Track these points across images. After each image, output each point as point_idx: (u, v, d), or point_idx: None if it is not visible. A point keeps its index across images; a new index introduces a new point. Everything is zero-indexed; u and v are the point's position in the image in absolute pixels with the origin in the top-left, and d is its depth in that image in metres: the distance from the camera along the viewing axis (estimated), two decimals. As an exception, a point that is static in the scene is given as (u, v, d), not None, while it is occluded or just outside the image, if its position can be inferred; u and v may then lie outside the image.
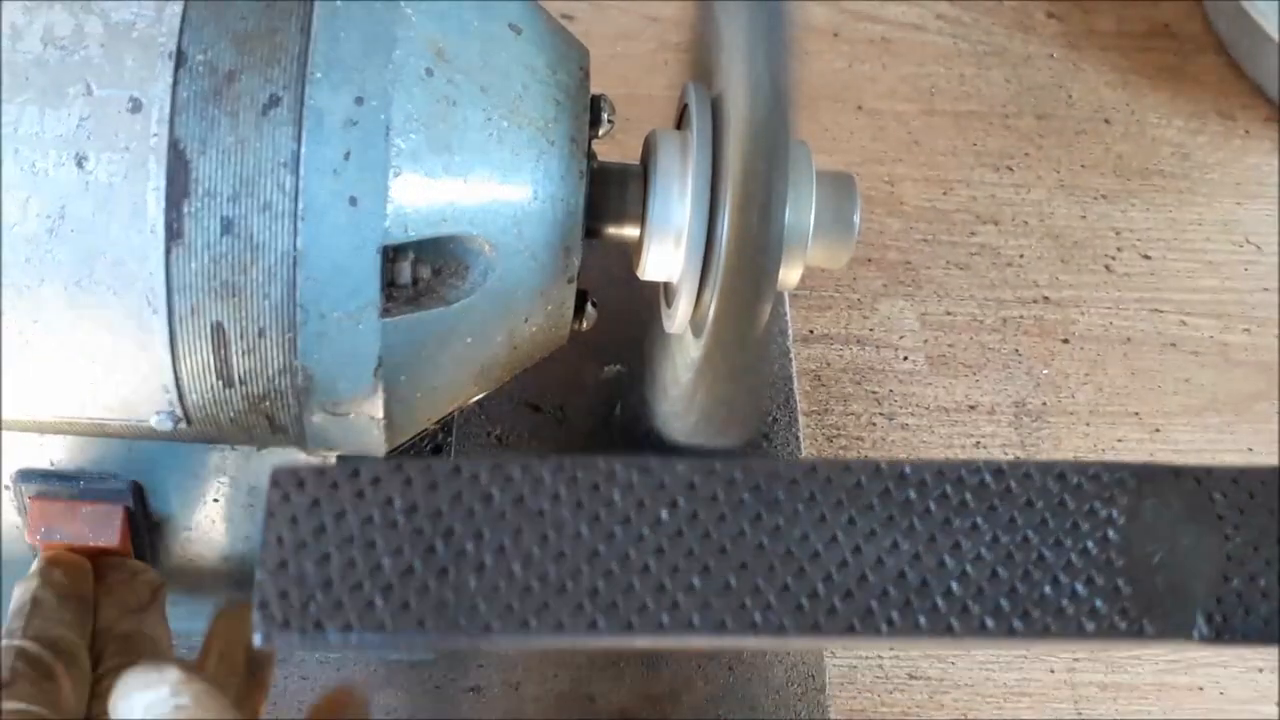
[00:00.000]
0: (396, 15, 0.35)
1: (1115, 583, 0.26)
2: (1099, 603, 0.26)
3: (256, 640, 0.25)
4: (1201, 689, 0.57)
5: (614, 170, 0.40)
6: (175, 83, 0.34)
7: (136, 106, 0.34)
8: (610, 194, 0.40)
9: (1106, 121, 0.73)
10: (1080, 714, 0.56)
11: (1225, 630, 0.26)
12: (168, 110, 0.34)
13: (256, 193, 0.34)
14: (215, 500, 0.44)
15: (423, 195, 0.35)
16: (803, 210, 0.39)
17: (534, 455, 0.25)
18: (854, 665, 0.56)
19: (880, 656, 0.56)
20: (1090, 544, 0.27)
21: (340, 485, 0.26)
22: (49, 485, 0.41)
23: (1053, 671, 0.56)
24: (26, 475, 0.41)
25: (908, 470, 0.27)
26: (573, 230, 0.38)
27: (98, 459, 0.41)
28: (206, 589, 0.46)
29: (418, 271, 0.36)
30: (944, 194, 0.70)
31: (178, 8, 0.35)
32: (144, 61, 0.34)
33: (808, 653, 0.53)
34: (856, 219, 0.40)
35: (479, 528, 0.26)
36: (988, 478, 0.27)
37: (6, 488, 0.42)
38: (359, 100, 0.34)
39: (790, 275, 0.39)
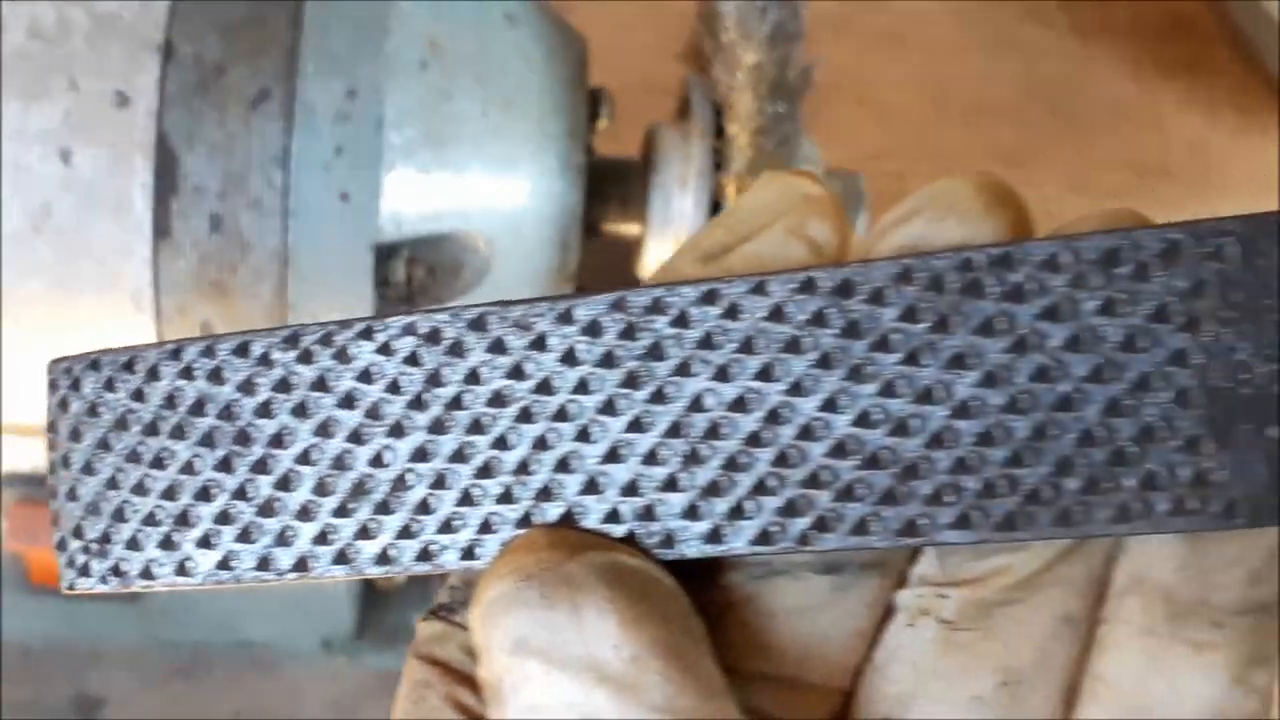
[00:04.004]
0: (389, 7, 0.34)
1: None
2: None
3: (63, 589, 0.19)
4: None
5: (613, 165, 0.40)
6: (163, 76, 0.33)
7: (122, 100, 0.33)
8: (610, 189, 0.39)
9: (1120, 116, 0.72)
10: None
11: None
12: (154, 104, 0.33)
13: (245, 189, 0.33)
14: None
15: (416, 191, 0.35)
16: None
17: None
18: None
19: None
20: None
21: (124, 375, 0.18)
22: (32, 490, 0.40)
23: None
24: (8, 481, 0.41)
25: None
26: (571, 227, 0.37)
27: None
28: (198, 596, 0.46)
29: (411, 270, 0.35)
30: (954, 189, 0.69)
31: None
32: (130, 54, 0.33)
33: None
34: (863, 217, 0.39)
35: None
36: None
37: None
38: (351, 93, 0.34)
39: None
